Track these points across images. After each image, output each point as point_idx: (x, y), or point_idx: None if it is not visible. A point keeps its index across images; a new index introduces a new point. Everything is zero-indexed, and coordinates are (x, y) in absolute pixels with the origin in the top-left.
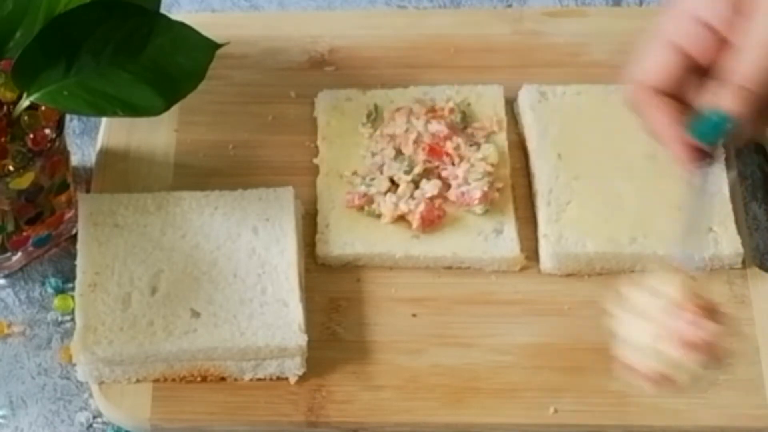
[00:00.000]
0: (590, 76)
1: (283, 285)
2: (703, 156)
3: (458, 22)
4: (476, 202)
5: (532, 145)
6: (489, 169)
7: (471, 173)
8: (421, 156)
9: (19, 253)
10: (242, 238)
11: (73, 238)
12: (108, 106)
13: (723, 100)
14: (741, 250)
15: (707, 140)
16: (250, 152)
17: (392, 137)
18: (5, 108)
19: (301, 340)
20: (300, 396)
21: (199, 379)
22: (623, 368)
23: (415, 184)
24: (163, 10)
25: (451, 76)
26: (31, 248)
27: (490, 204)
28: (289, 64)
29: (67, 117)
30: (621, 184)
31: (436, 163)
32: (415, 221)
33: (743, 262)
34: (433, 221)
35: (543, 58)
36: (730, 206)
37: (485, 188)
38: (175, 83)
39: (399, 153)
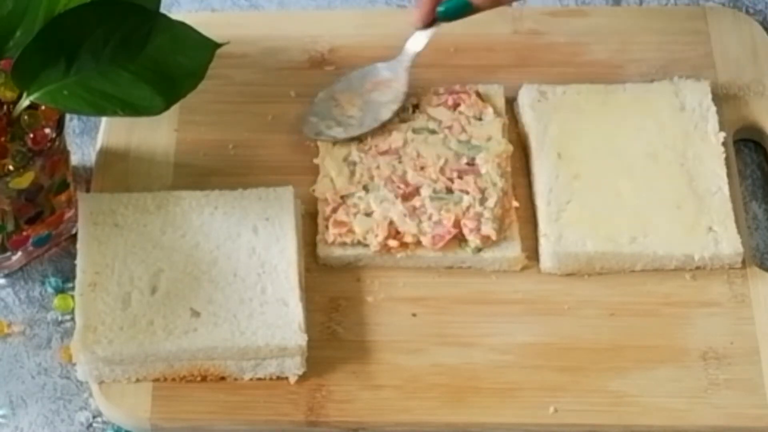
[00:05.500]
0: (590, 76)
1: (283, 284)
2: (431, 24)
3: (458, 21)
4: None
5: (532, 144)
6: (497, 212)
7: (483, 217)
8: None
9: (19, 253)
10: (242, 238)
11: (73, 238)
12: (108, 105)
13: None
14: (741, 249)
15: (445, 15)
16: (250, 152)
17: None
18: (5, 107)
19: (301, 339)
20: (300, 396)
21: (199, 378)
22: None
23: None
24: (162, 9)
25: (451, 75)
26: (31, 248)
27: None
28: (289, 63)
29: (67, 116)
30: (621, 183)
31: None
32: (427, 241)
33: (743, 261)
34: (444, 237)
35: (543, 57)
36: (730, 206)
37: (492, 233)
38: (175, 83)
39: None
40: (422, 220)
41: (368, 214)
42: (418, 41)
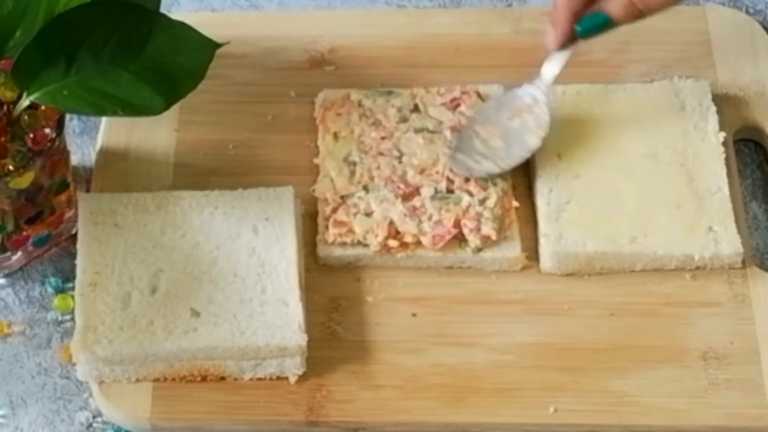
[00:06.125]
0: (590, 76)
1: (283, 284)
2: (569, 43)
3: (458, 21)
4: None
5: None
6: (498, 212)
7: (483, 217)
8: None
9: (19, 253)
10: (242, 238)
11: (73, 238)
12: (108, 105)
13: (612, 6)
14: (741, 249)
15: (585, 34)
16: (250, 152)
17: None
18: (5, 107)
19: (301, 339)
20: (300, 395)
21: (199, 378)
22: None
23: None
24: (162, 9)
25: (451, 75)
26: (31, 248)
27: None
28: (289, 63)
29: (67, 116)
30: (621, 183)
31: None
32: (427, 241)
33: (743, 261)
34: (444, 237)
35: (543, 57)
36: (730, 206)
37: (492, 233)
38: (175, 83)
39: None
40: (422, 220)
41: (368, 214)
42: (555, 64)
